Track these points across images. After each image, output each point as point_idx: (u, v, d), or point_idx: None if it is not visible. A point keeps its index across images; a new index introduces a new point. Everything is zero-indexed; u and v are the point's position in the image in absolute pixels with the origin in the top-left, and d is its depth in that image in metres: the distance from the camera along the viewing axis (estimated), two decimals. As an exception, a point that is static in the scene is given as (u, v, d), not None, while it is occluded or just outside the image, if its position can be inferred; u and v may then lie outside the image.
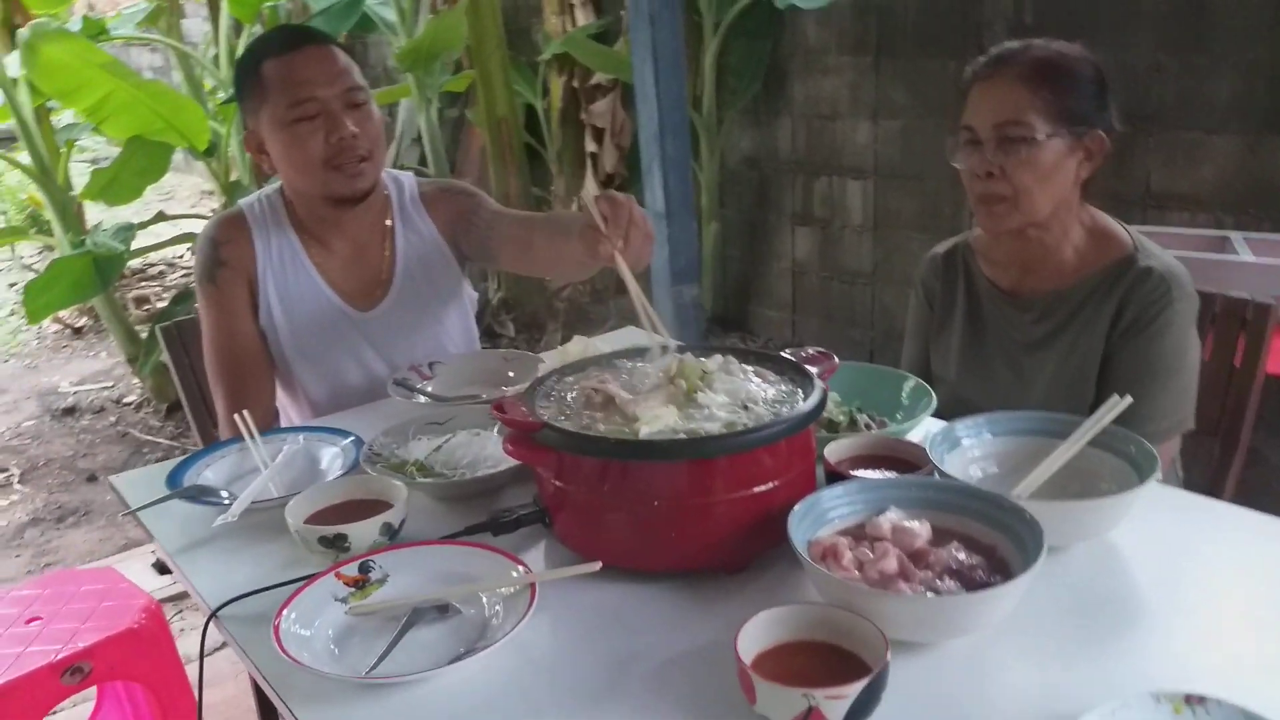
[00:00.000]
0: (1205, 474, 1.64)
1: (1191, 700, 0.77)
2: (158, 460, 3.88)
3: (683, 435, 1.04)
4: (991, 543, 0.97)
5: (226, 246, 1.70)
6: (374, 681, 0.91)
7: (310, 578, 1.04)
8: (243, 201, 1.76)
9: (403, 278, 1.76)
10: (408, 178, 1.83)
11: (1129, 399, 1.12)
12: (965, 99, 1.47)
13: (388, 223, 1.77)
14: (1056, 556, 1.00)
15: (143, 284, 5.96)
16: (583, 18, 4.76)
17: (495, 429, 1.38)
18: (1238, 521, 1.13)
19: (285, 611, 0.98)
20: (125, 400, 4.48)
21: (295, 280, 1.71)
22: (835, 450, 1.19)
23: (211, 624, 1.06)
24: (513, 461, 1.21)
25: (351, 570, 1.06)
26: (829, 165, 4.02)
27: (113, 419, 4.32)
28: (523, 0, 5.20)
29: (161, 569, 2.82)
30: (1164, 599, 1.00)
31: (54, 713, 2.18)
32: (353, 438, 1.39)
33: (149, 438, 4.09)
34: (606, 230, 1.20)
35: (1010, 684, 0.88)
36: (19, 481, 3.76)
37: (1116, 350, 1.45)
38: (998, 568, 0.94)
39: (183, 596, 2.77)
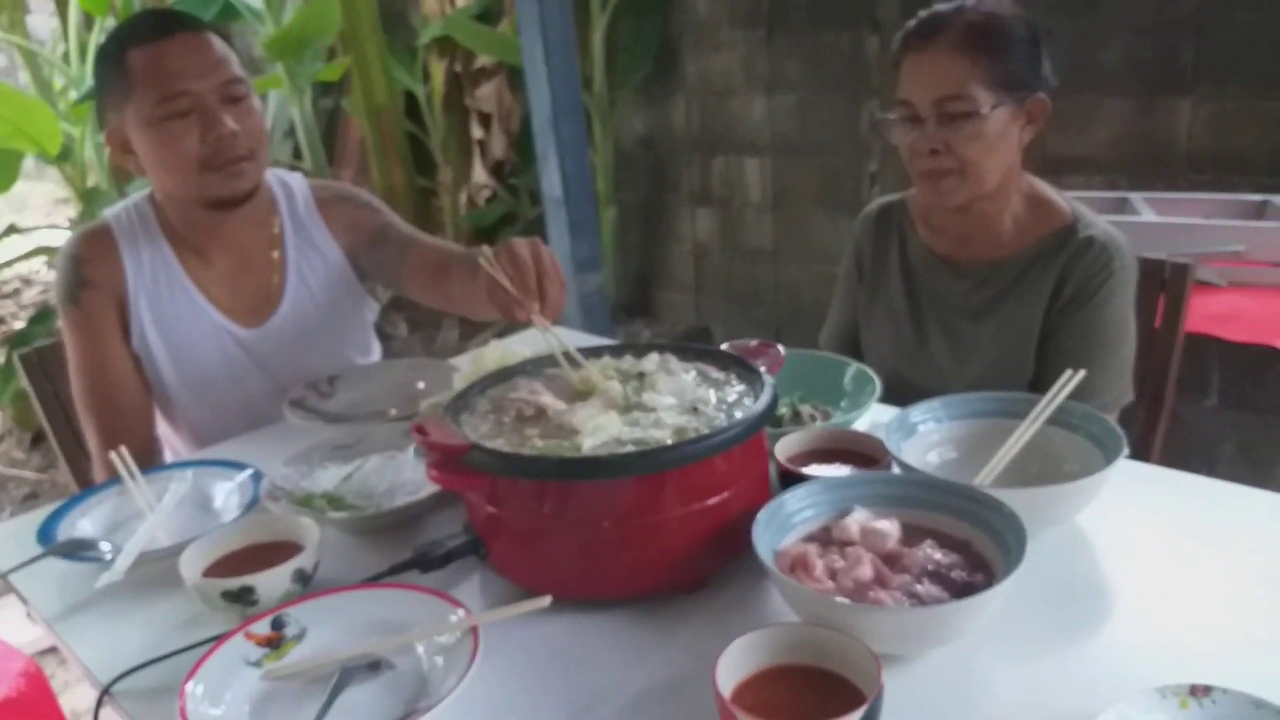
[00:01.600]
0: (1131, 438, 1.64)
1: (1197, 692, 0.74)
2: (24, 498, 3.57)
3: (631, 446, 0.94)
4: (965, 537, 0.92)
5: (91, 264, 1.51)
6: (302, 761, 0.79)
7: (215, 640, 0.90)
8: (108, 212, 1.57)
9: (295, 291, 1.60)
10: (298, 181, 1.67)
11: (1083, 372, 1.08)
12: (897, 71, 1.40)
13: (275, 230, 1.61)
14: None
15: (-5, 303, 5.50)
16: (462, -1, 4.58)
17: (411, 449, 1.26)
18: (1192, 491, 1.12)
19: (190, 686, 0.84)
20: (-17, 433, 4.12)
21: (171, 298, 1.54)
22: (786, 447, 1.12)
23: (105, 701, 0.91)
24: (433, 486, 1.10)
25: (263, 627, 0.92)
26: (725, 143, 3.96)
27: (-30, 454, 3.96)
28: (396, -18, 4.97)
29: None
30: (1140, 582, 0.96)
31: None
32: (250, 471, 1.24)
33: (13, 472, 3.75)
34: (516, 293, 1.11)
35: (1003, 690, 0.83)
36: None
37: (1060, 323, 1.41)
38: (976, 564, 0.88)
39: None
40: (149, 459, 1.51)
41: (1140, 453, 1.61)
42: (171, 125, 1.40)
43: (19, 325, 4.92)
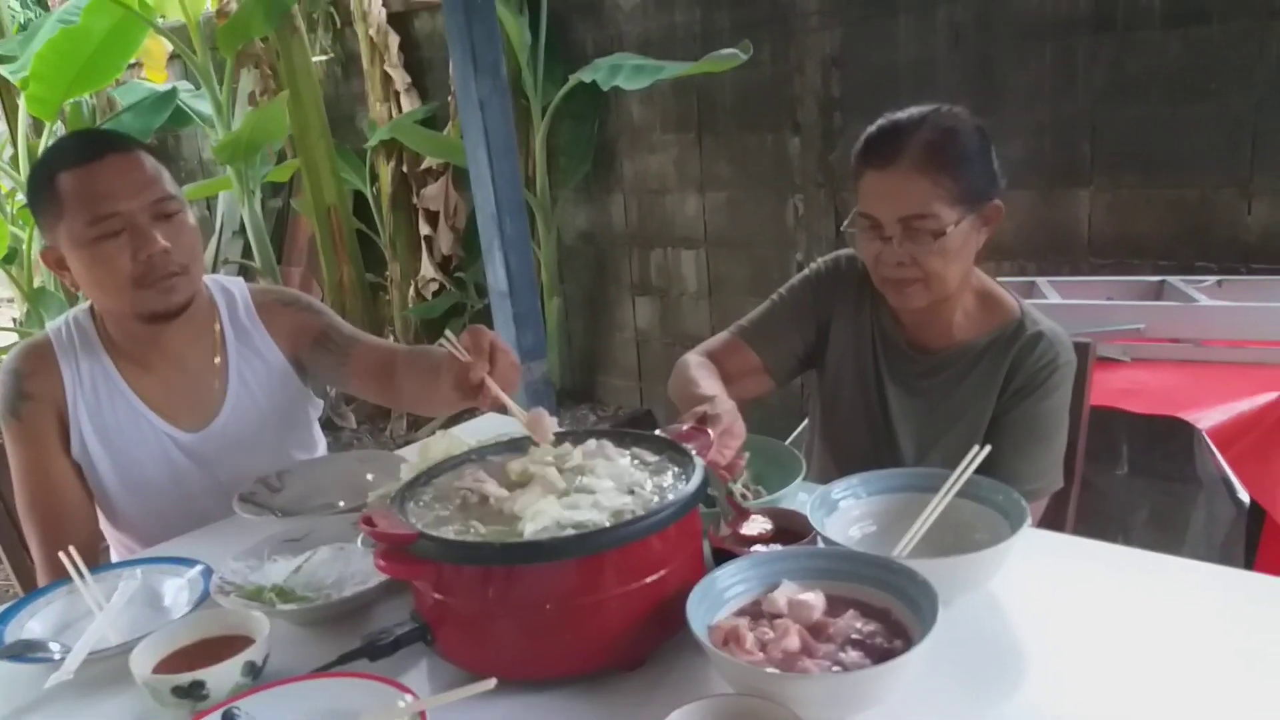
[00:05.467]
0: (1046, 509, 1.74)
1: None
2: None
3: (570, 530, 1.00)
4: (885, 605, 0.98)
5: (30, 379, 1.54)
6: None
7: (166, 736, 0.92)
8: (49, 326, 1.61)
9: (236, 394, 1.64)
10: (238, 286, 1.71)
11: (987, 448, 1.17)
12: (856, 182, 1.45)
13: (215, 335, 1.64)
14: (942, 611, 1.02)
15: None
16: (408, 103, 4.73)
17: (359, 540, 1.29)
18: (1100, 557, 1.20)
19: (139, 781, 0.86)
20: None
21: (112, 406, 1.56)
22: (720, 527, 1.18)
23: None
24: (382, 576, 1.14)
25: (214, 721, 0.95)
26: (662, 237, 4.13)
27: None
28: (346, 89, 5.12)
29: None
30: (1053, 643, 1.03)
31: None
32: (200, 566, 1.26)
33: (-55, 580, 3.62)
34: (472, 357, 1.20)
35: (923, 750, 0.88)
36: None
37: (1005, 410, 1.47)
38: (895, 631, 0.95)
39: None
40: (92, 560, 1.51)
41: (1055, 523, 1.70)
42: (104, 246, 1.43)
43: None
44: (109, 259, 1.44)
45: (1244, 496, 1.96)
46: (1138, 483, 2.15)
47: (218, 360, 1.64)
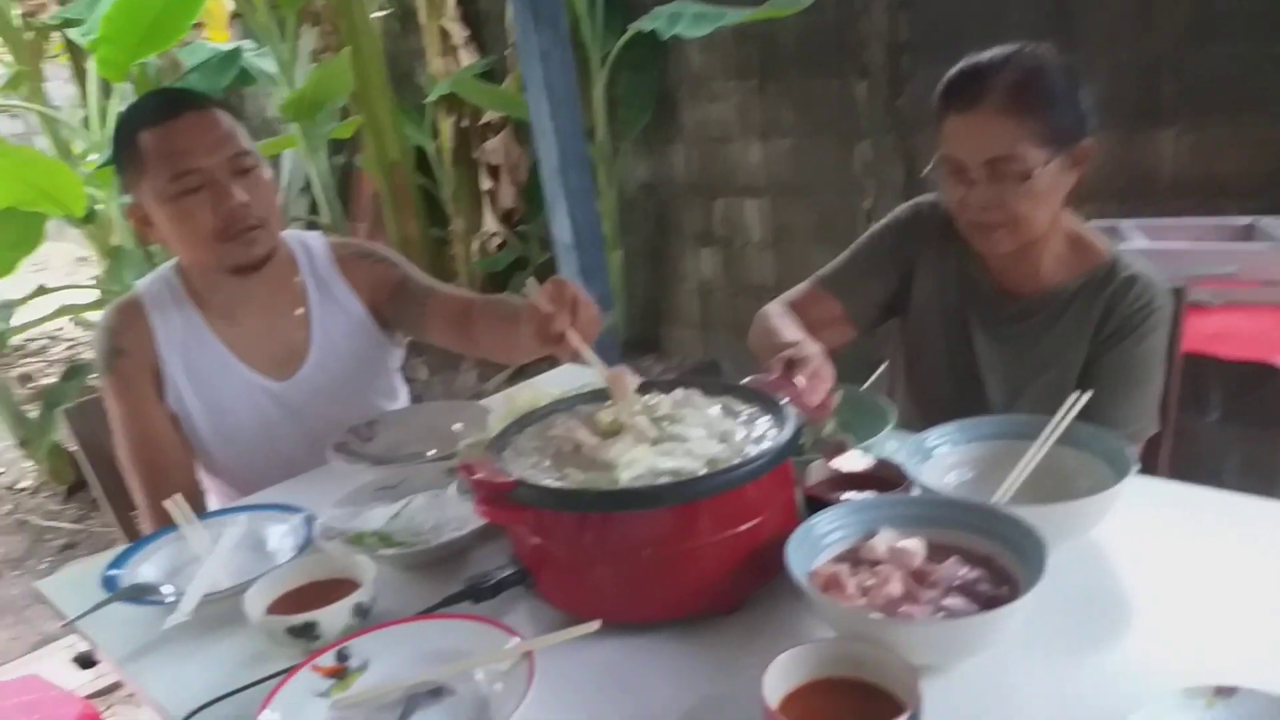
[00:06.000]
0: (1140, 456, 1.70)
1: (1222, 692, 0.78)
2: (62, 548, 3.62)
3: (667, 478, 1.01)
4: (987, 553, 0.97)
5: (122, 334, 1.60)
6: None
7: (284, 673, 0.96)
8: (138, 284, 1.66)
9: (321, 344, 1.68)
10: (317, 240, 1.75)
11: (1089, 394, 1.14)
12: (939, 125, 1.42)
13: (297, 288, 1.69)
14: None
15: (24, 361, 5.58)
16: (467, 58, 4.71)
17: (452, 487, 1.32)
18: (1202, 503, 1.17)
19: (264, 715, 0.90)
20: (19, 486, 4.17)
21: (203, 359, 1.62)
22: (812, 474, 1.18)
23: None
24: (478, 521, 1.16)
25: (328, 660, 0.98)
26: (725, 186, 4.08)
27: (8, 507, 4.01)
28: (404, 44, 5.11)
29: (84, 663, 2.60)
30: (1157, 590, 1.02)
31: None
32: (303, 513, 1.30)
33: (50, 523, 3.80)
34: (554, 309, 1.18)
35: (1034, 694, 0.88)
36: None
37: (1099, 355, 1.44)
38: (1000, 578, 0.94)
39: (112, 689, 2.57)
40: (195, 507, 1.57)
41: (1148, 469, 1.66)
42: (185, 201, 1.48)
43: (46, 381, 4.99)
44: (190, 214, 1.49)
45: (1338, 442, 1.90)
46: (1230, 429, 2.09)
47: (300, 311, 1.68)
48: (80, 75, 4.54)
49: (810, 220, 3.83)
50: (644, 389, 1.23)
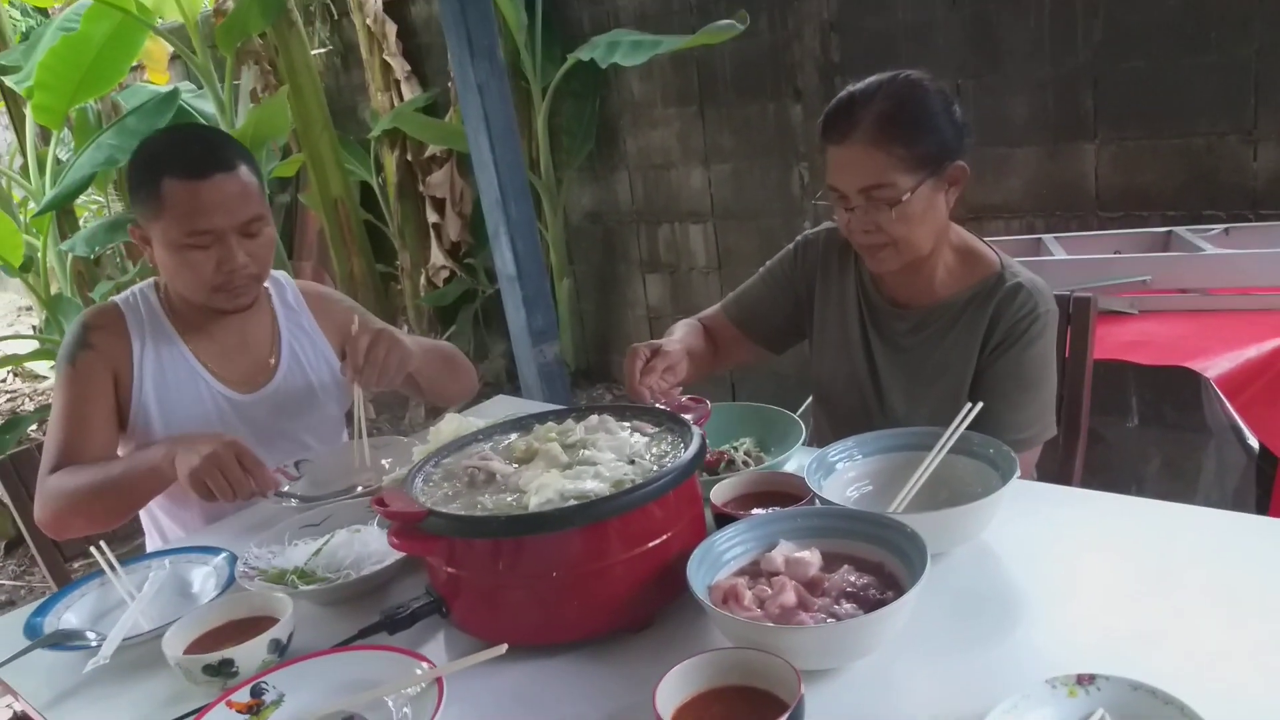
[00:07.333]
0: (1054, 462, 1.76)
1: (1083, 680, 0.83)
2: None
3: (573, 500, 1.04)
4: (879, 560, 1.01)
5: (97, 333, 1.63)
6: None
7: (199, 711, 0.97)
8: (117, 297, 1.70)
9: (288, 364, 1.75)
10: (284, 276, 1.83)
11: (980, 404, 1.20)
12: (824, 155, 1.47)
13: (270, 309, 1.77)
14: (938, 562, 1.05)
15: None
16: (409, 91, 4.75)
17: (374, 522, 1.34)
18: (1091, 505, 1.23)
19: (176, 754, 0.91)
20: (-46, 542, 4.08)
21: (173, 368, 1.65)
22: (720, 492, 1.22)
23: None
24: (398, 554, 1.18)
25: (243, 695, 0.99)
26: (669, 212, 4.15)
27: (-59, 564, 3.93)
28: (347, 80, 5.15)
29: (18, 724, 2.57)
30: (1041, 588, 1.06)
31: None
32: (225, 553, 1.31)
33: (-13, 581, 3.74)
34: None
35: (917, 692, 0.92)
36: None
37: (989, 363, 1.50)
38: (888, 583, 0.98)
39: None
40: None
41: (1062, 476, 1.72)
42: (192, 253, 1.54)
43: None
44: (194, 265, 1.55)
45: (1253, 443, 1.97)
46: (1148, 433, 2.17)
47: (272, 336, 1.76)
48: (18, 122, 4.52)
49: (753, 243, 3.90)
50: (560, 416, 1.27)
